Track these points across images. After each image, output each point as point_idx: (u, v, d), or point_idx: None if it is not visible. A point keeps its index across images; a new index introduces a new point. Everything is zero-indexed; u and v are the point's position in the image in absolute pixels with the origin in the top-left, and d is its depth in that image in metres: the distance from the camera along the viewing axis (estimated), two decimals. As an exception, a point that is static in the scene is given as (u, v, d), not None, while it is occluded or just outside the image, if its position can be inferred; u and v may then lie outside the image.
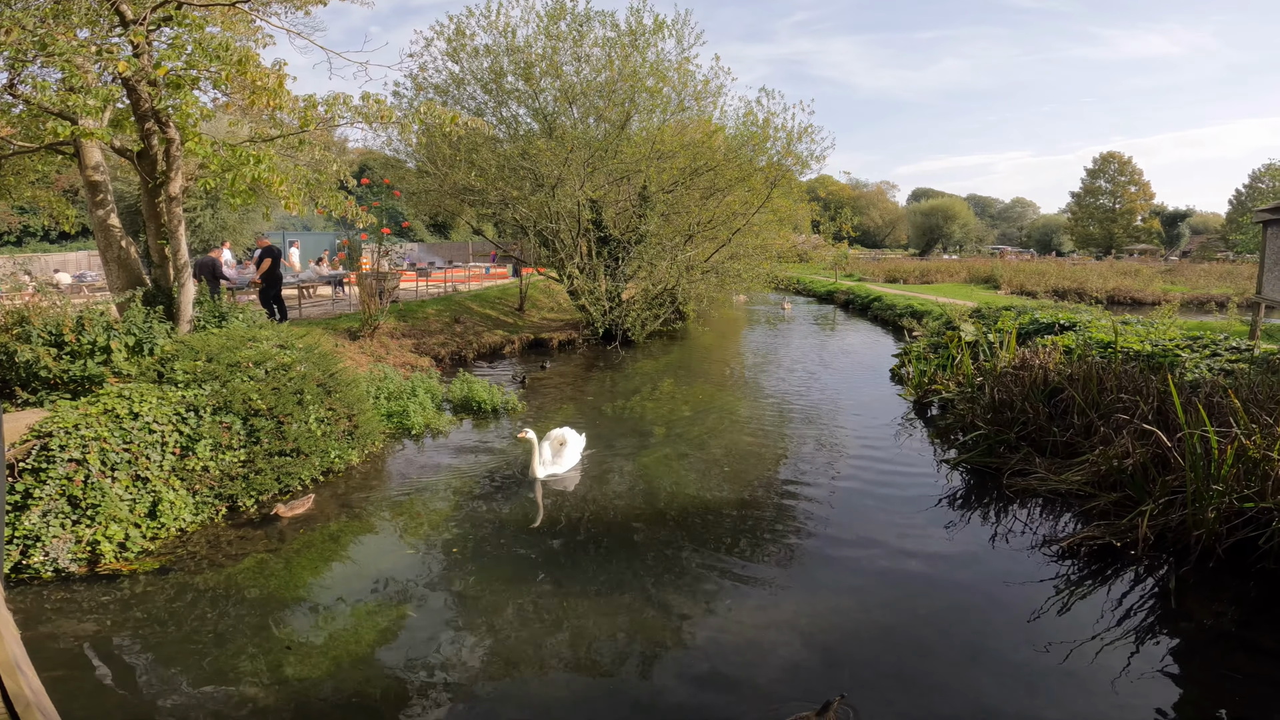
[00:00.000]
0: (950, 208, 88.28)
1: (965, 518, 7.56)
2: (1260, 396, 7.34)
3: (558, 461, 8.60)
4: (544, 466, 8.42)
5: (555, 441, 8.71)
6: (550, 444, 8.64)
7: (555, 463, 8.56)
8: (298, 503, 7.43)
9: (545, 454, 8.47)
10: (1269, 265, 12.35)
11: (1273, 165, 55.60)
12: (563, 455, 8.66)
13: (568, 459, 8.69)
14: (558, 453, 8.65)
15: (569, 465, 8.69)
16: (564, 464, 8.63)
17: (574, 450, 8.84)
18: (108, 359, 7.60)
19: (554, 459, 8.58)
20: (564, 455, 8.67)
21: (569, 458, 8.71)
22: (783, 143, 19.79)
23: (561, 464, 8.61)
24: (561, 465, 8.60)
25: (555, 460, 8.58)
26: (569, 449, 8.74)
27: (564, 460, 8.65)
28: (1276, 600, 5.71)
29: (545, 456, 8.46)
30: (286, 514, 7.25)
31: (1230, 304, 25.11)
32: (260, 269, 14.91)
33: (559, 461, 8.60)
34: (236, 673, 4.79)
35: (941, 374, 12.63)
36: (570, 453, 8.75)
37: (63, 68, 7.37)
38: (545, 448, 8.51)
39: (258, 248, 15.47)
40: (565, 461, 8.65)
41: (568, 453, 8.71)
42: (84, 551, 6.14)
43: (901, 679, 4.74)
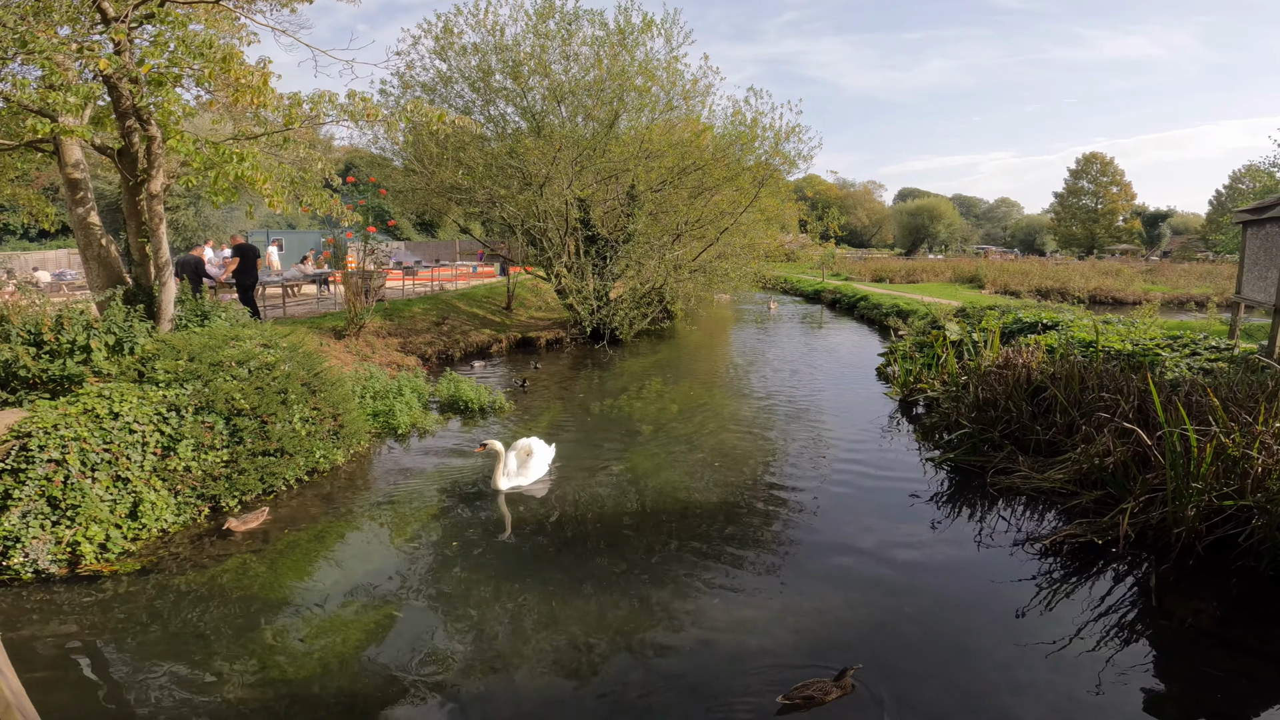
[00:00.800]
0: (936, 208, 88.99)
1: (950, 516, 7.63)
2: (1239, 395, 7.45)
3: (523, 473, 8.17)
4: (508, 478, 8.05)
5: (521, 451, 8.28)
6: (516, 454, 8.23)
7: (521, 474, 8.15)
8: (250, 516, 7.03)
9: (510, 464, 8.10)
10: (1248, 265, 12.53)
11: (1252, 166, 56.44)
12: (529, 466, 8.22)
13: (534, 470, 8.27)
14: (524, 463, 8.21)
15: (535, 476, 8.28)
16: (530, 475, 8.21)
17: (541, 461, 8.42)
18: (87, 358, 7.51)
19: (519, 470, 8.16)
20: (530, 466, 8.23)
21: (535, 469, 8.29)
22: (770, 142, 19.88)
23: (527, 475, 8.19)
24: (527, 476, 8.19)
25: (521, 471, 8.16)
26: (535, 459, 8.32)
27: (530, 471, 8.22)
28: (1256, 598, 5.80)
29: (510, 467, 8.09)
30: (239, 528, 6.86)
31: (1210, 304, 25.46)
32: (229, 268, 14.53)
33: (524, 473, 8.17)
34: (221, 674, 4.75)
35: (927, 373, 12.73)
36: (537, 464, 8.32)
37: (43, 65, 7.27)
38: (511, 458, 8.14)
39: (230, 245, 15.24)
40: (531, 472, 8.23)
41: (534, 464, 8.28)
42: (64, 552, 6.06)
43: (887, 677, 4.77)
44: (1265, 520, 6.04)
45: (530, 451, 8.30)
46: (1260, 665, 4.93)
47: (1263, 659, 5.00)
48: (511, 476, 8.08)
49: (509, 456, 8.13)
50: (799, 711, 4.38)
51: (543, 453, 8.50)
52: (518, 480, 8.11)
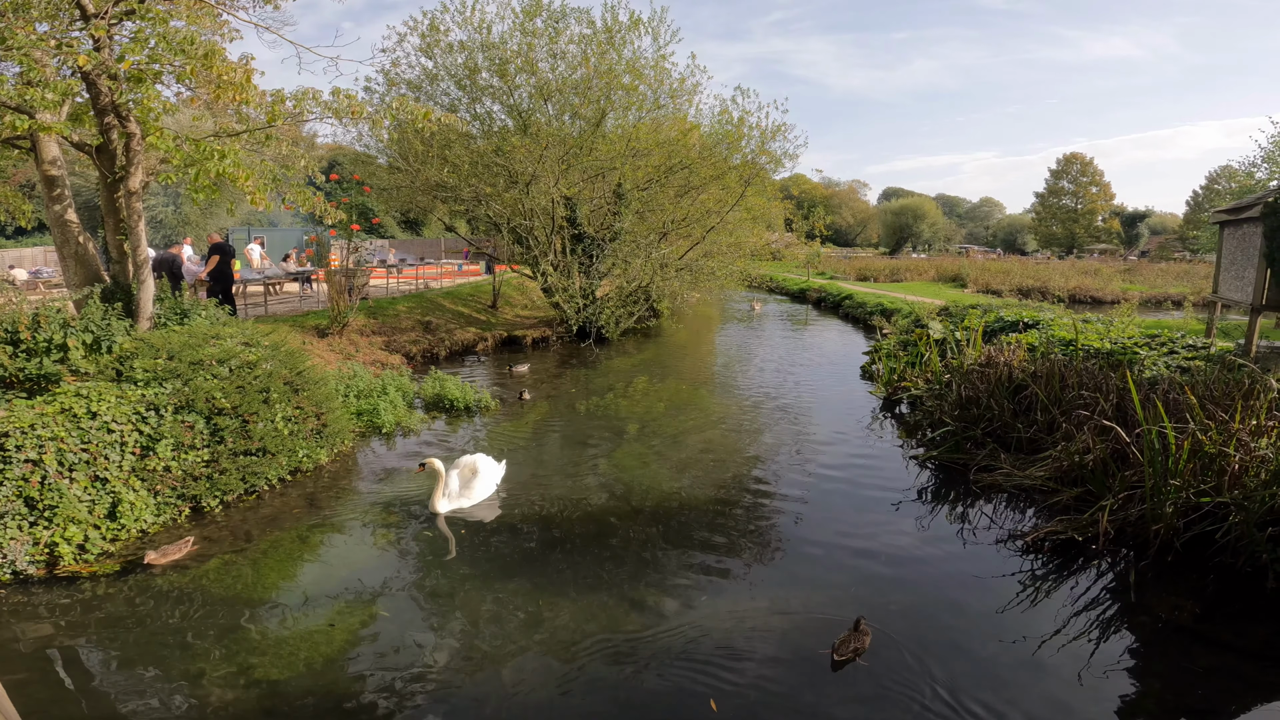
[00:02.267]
0: (920, 207, 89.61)
1: (934, 513, 7.69)
2: (1215, 393, 7.58)
3: (466, 494, 7.52)
4: (449, 499, 7.40)
5: (465, 470, 7.66)
6: (460, 473, 7.63)
7: (464, 495, 7.50)
8: (172, 547, 6.31)
9: (452, 485, 7.46)
10: (1225, 265, 12.75)
11: (1229, 167, 57.43)
12: (473, 487, 7.57)
13: (479, 491, 7.61)
14: (467, 484, 7.58)
15: (480, 498, 7.61)
16: (474, 496, 7.55)
17: (487, 481, 7.75)
18: (64, 357, 7.39)
19: (462, 491, 7.52)
20: (474, 487, 7.58)
21: (480, 489, 7.63)
22: (757, 141, 19.96)
23: (471, 496, 7.53)
24: (471, 498, 7.52)
25: (464, 492, 7.52)
26: (481, 479, 7.65)
27: (474, 492, 7.56)
28: (1233, 594, 5.90)
29: (452, 488, 7.45)
30: (159, 560, 6.15)
31: (1187, 303, 25.86)
32: (207, 267, 14.17)
33: (468, 494, 7.52)
34: (203, 675, 4.70)
35: (911, 371, 12.84)
36: (482, 484, 7.67)
37: (21, 61, 7.15)
38: (453, 478, 7.52)
39: (209, 243, 14.95)
40: (476, 493, 7.57)
41: (479, 484, 7.62)
42: (42, 553, 5.98)
43: (872, 674, 4.81)
44: (1242, 517, 6.15)
45: (475, 470, 7.66)
46: (1238, 661, 5.02)
47: (1240, 655, 5.09)
48: (453, 498, 7.44)
49: (451, 476, 7.50)
50: (852, 663, 4.88)
51: (490, 472, 7.84)
52: (460, 502, 7.47)
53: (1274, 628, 5.40)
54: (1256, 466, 6.40)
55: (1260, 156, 29.16)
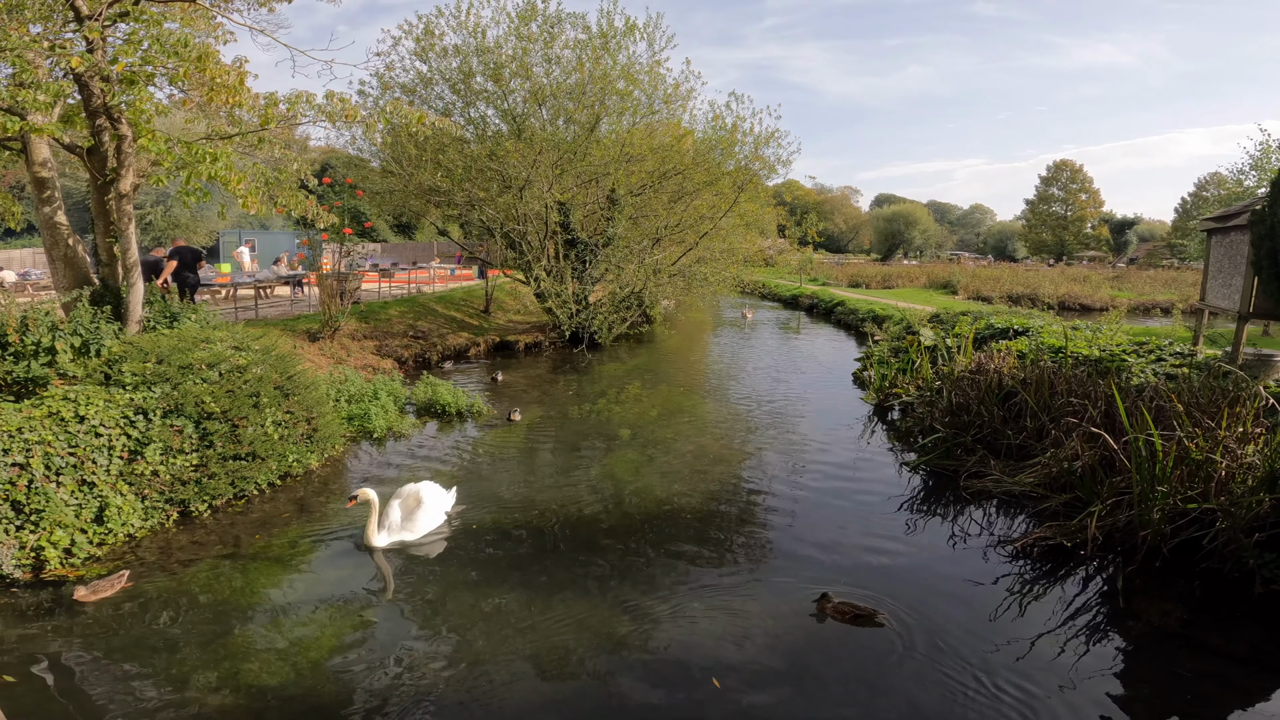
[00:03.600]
0: (912, 214, 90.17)
1: (924, 519, 7.72)
2: (1202, 400, 7.64)
3: (409, 526, 6.87)
4: (389, 532, 6.79)
5: (410, 500, 7.01)
6: (402, 503, 6.97)
7: (406, 527, 6.85)
8: (103, 583, 5.72)
9: (393, 516, 6.85)
10: (1212, 273, 12.87)
11: (1218, 174, 57.96)
12: (417, 519, 6.92)
13: (423, 523, 6.96)
14: (411, 514, 6.92)
15: (425, 530, 6.96)
16: (418, 529, 6.89)
17: (433, 511, 7.10)
18: (52, 360, 7.34)
19: (405, 523, 6.86)
20: (419, 518, 6.93)
21: (425, 521, 6.98)
22: (750, 147, 20.04)
23: (414, 529, 6.88)
24: (414, 530, 6.88)
25: (406, 525, 6.87)
26: (425, 511, 7.00)
27: (418, 524, 6.91)
28: (1220, 599, 5.94)
29: (393, 519, 6.83)
30: (89, 597, 5.60)
31: (1175, 310, 26.10)
32: (165, 271, 13.45)
33: (411, 526, 6.87)
34: (190, 680, 4.66)
35: (902, 378, 12.89)
36: (427, 515, 7.01)
37: (13, 63, 7.13)
38: (394, 508, 6.90)
39: (171, 247, 14.48)
40: (420, 525, 6.92)
41: (423, 515, 6.97)
42: (28, 557, 5.93)
43: (864, 679, 4.83)
44: (1229, 523, 6.20)
45: (419, 501, 7.01)
46: (1225, 666, 5.06)
47: (1228, 659, 5.12)
48: (393, 530, 6.81)
49: (392, 506, 6.93)
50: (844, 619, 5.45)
51: (436, 501, 7.19)
52: (402, 535, 6.82)
53: (1261, 632, 5.44)
54: (1243, 473, 6.46)
55: (1249, 164, 29.47)
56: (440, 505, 7.24)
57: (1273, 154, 27.16)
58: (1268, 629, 5.48)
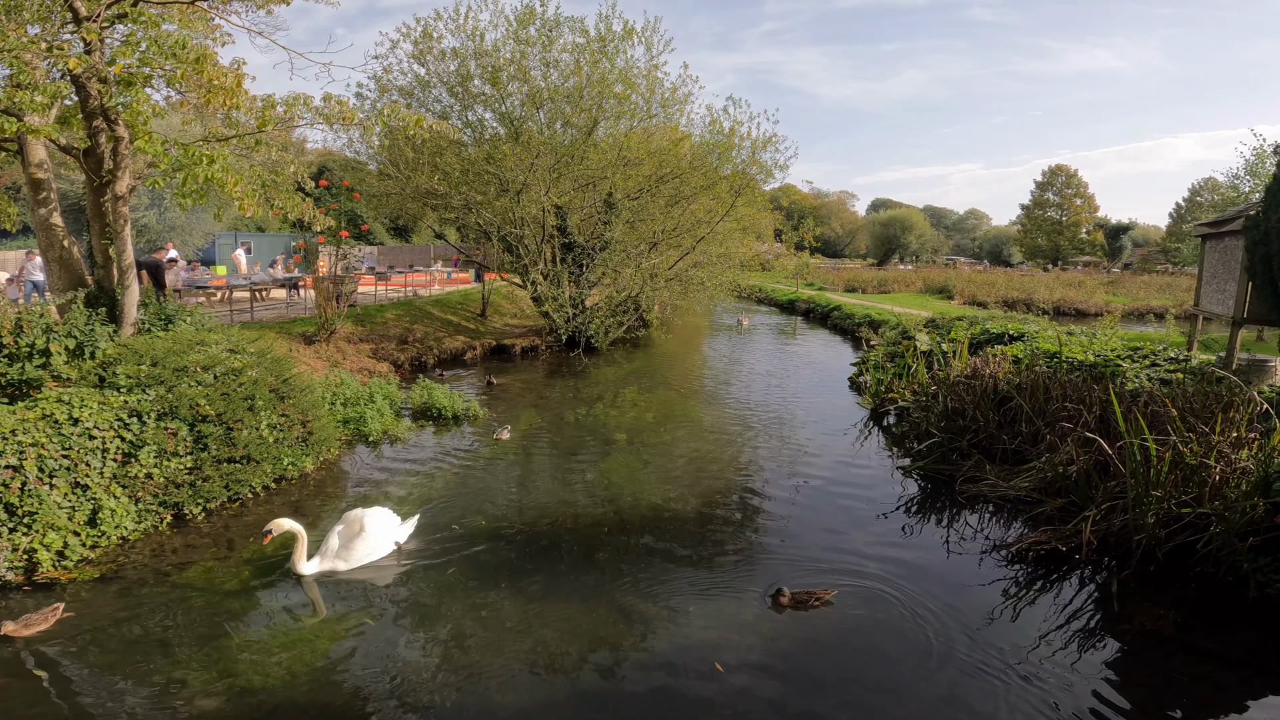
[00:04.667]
0: (908, 218, 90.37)
1: (920, 523, 7.73)
2: (1196, 406, 7.68)
3: (345, 554, 6.31)
4: (323, 558, 6.29)
5: (353, 526, 6.44)
6: (344, 530, 6.45)
7: (342, 556, 6.30)
8: (37, 616, 5.29)
9: (331, 542, 6.36)
10: (1206, 278, 12.93)
11: (1212, 179, 58.21)
12: (356, 546, 6.34)
13: (364, 551, 6.37)
14: (349, 542, 6.36)
15: (363, 560, 6.37)
16: (354, 558, 6.32)
17: (378, 539, 6.48)
18: (47, 362, 7.32)
19: (341, 551, 6.32)
20: (358, 546, 6.35)
21: (367, 549, 6.39)
22: (748, 151, 20.07)
23: (350, 558, 6.31)
24: (349, 560, 6.31)
25: (343, 553, 6.31)
26: (367, 540, 6.39)
27: (355, 554, 6.33)
28: (1215, 603, 5.97)
29: (330, 546, 6.34)
30: (20, 632, 5.17)
31: (1169, 315, 26.17)
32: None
33: (347, 554, 6.31)
34: (184, 683, 4.64)
35: (898, 383, 12.91)
36: (370, 543, 6.41)
37: (11, 64, 7.11)
38: (335, 534, 6.42)
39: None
40: (358, 555, 6.34)
41: (363, 545, 6.37)
42: (20, 560, 5.90)
43: (860, 682, 4.83)
44: (1223, 527, 6.23)
45: (362, 528, 6.41)
46: (1219, 669, 5.07)
47: (1222, 663, 5.14)
48: (328, 557, 6.31)
49: (333, 532, 6.47)
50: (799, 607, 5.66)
51: (380, 530, 6.54)
52: (336, 563, 6.29)
53: (1255, 636, 5.46)
54: (1237, 478, 6.48)
55: (1243, 169, 29.58)
56: (388, 534, 6.62)
57: (1267, 159, 27.29)
58: (1262, 633, 5.51)
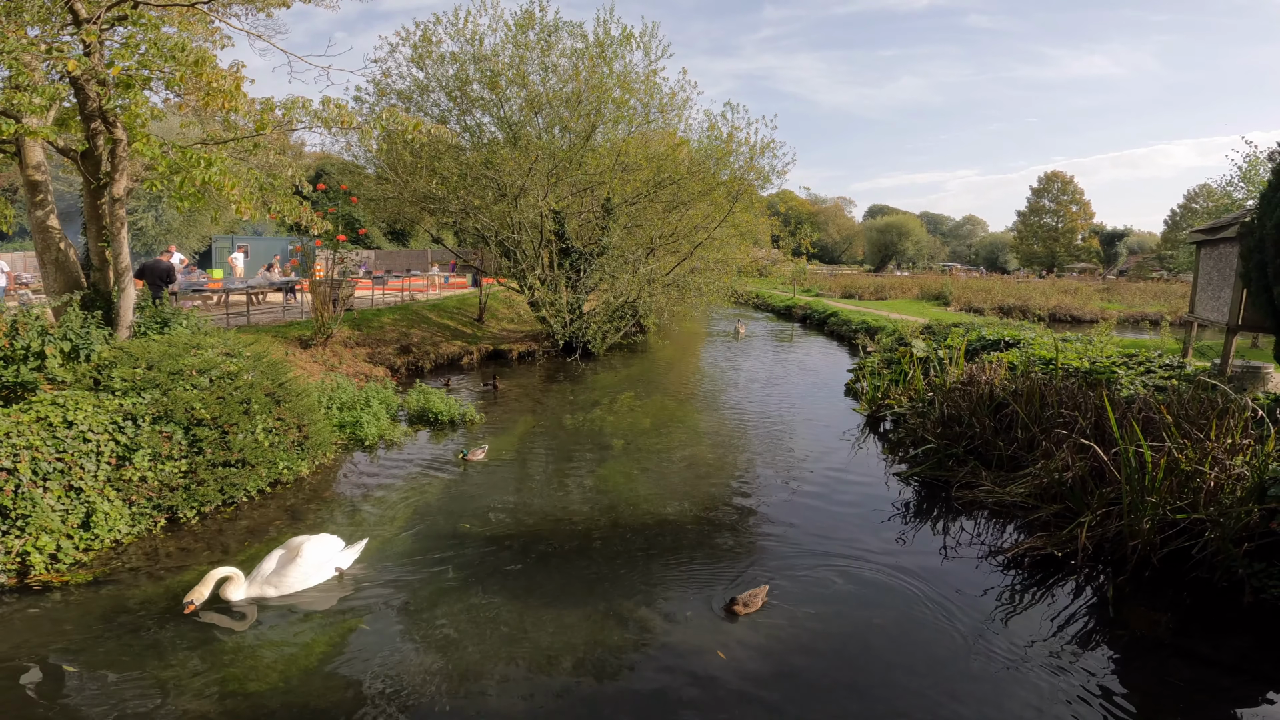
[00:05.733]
0: (905, 225, 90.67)
1: (916, 529, 7.74)
2: (1191, 412, 7.71)
3: (278, 580, 5.93)
4: (254, 583, 5.92)
5: (290, 552, 6.09)
6: (281, 556, 6.09)
7: (275, 580, 5.93)
8: None
9: (265, 567, 6.01)
10: (1202, 285, 12.99)
11: (1206, 186, 58.43)
12: (288, 573, 5.95)
13: (295, 578, 5.97)
14: (283, 568, 5.98)
15: (297, 586, 5.97)
16: (286, 585, 5.93)
17: (313, 567, 6.08)
18: (42, 365, 7.29)
19: (274, 576, 5.94)
20: (290, 574, 5.95)
21: (299, 577, 5.98)
22: (745, 157, 20.15)
23: (282, 585, 5.93)
24: (281, 586, 5.92)
25: (275, 578, 5.94)
26: (302, 565, 6.00)
27: (289, 579, 5.94)
28: (1210, 608, 5.97)
29: (263, 570, 5.98)
30: None
31: (1164, 322, 26.30)
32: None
33: (279, 580, 5.93)
34: (177, 686, 4.61)
35: (894, 389, 12.93)
36: (303, 571, 6.01)
37: (10, 65, 7.11)
38: (272, 559, 6.06)
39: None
40: (291, 581, 5.95)
41: (298, 571, 5.98)
42: (13, 562, 5.87)
43: (856, 688, 4.82)
44: (1218, 533, 6.24)
45: (298, 554, 6.05)
46: (1215, 675, 5.08)
47: (1217, 668, 5.14)
48: (258, 582, 5.93)
49: (271, 557, 6.10)
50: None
51: (321, 556, 6.19)
52: (266, 589, 5.90)
53: (1250, 641, 5.47)
54: (1232, 484, 6.50)
55: (1237, 176, 29.76)
56: (328, 560, 6.25)
57: (1261, 166, 27.46)
58: (1257, 638, 5.52)
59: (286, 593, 5.95)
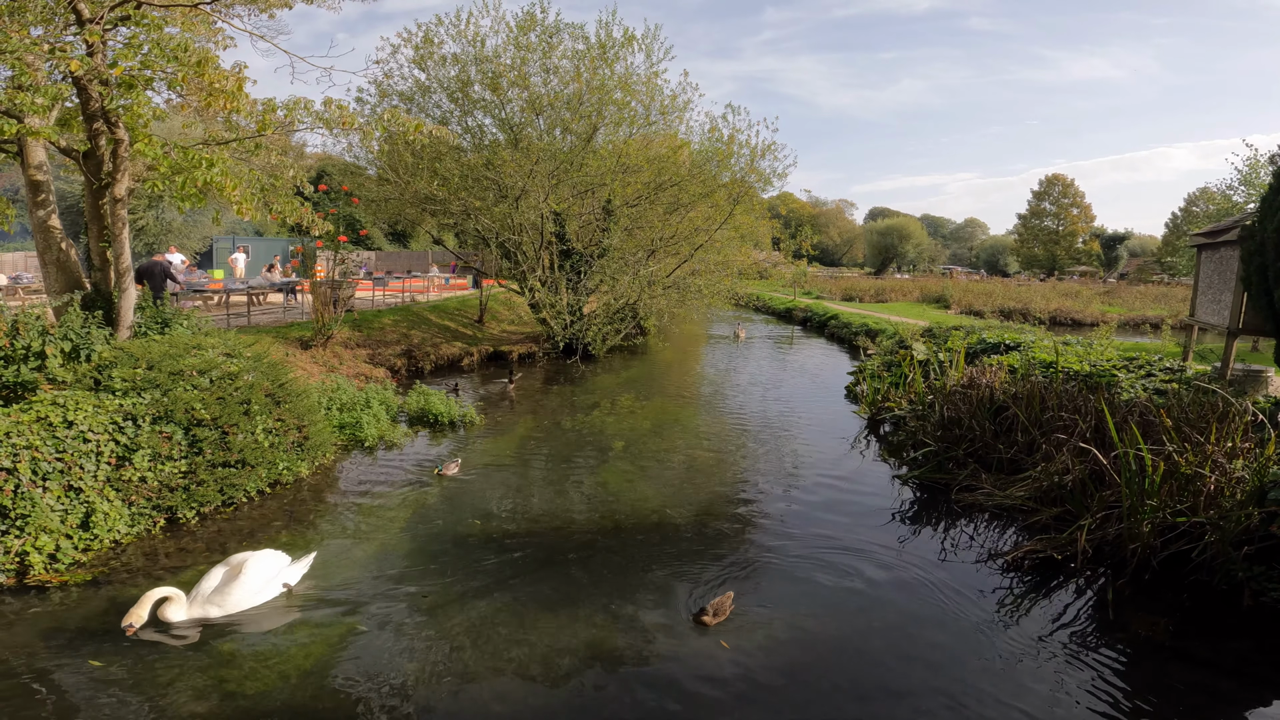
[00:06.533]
0: (905, 227, 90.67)
1: (916, 532, 7.73)
2: (1191, 416, 7.70)
3: (219, 599, 5.60)
4: (194, 604, 5.58)
5: (232, 569, 5.78)
6: (224, 573, 5.76)
7: (215, 600, 5.60)
8: None
9: (205, 586, 5.66)
10: (1202, 289, 12.98)
11: (1207, 189, 58.38)
12: (230, 592, 5.63)
13: (238, 597, 5.65)
14: (224, 587, 5.65)
15: (241, 605, 5.65)
16: (229, 604, 5.61)
17: (256, 585, 5.77)
18: (42, 365, 7.30)
19: (215, 595, 5.62)
20: (232, 592, 5.64)
21: (242, 596, 5.67)
22: (746, 159, 20.14)
23: (225, 604, 5.60)
24: (224, 605, 5.60)
25: (216, 597, 5.61)
26: (245, 583, 5.69)
27: (231, 598, 5.62)
28: (1209, 611, 5.97)
29: (203, 589, 5.64)
30: None
31: (1164, 326, 26.26)
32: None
33: (221, 599, 5.60)
34: (174, 686, 4.61)
35: (894, 392, 12.93)
36: (247, 589, 5.70)
37: (12, 65, 7.13)
38: (213, 576, 5.73)
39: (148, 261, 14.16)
40: (234, 600, 5.63)
41: (240, 589, 5.67)
42: (12, 562, 5.87)
43: (856, 690, 4.81)
44: (1218, 536, 6.24)
45: (240, 572, 5.74)
46: (1214, 677, 5.07)
47: (1217, 671, 5.14)
48: (198, 602, 5.60)
49: (211, 574, 5.77)
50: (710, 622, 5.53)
51: (265, 574, 5.88)
52: (207, 609, 5.58)
53: (1249, 644, 5.47)
54: (1232, 487, 6.50)
55: (1237, 179, 29.76)
56: (273, 577, 5.95)
57: (1261, 169, 27.46)
58: (1256, 641, 5.51)
59: (231, 612, 5.63)
